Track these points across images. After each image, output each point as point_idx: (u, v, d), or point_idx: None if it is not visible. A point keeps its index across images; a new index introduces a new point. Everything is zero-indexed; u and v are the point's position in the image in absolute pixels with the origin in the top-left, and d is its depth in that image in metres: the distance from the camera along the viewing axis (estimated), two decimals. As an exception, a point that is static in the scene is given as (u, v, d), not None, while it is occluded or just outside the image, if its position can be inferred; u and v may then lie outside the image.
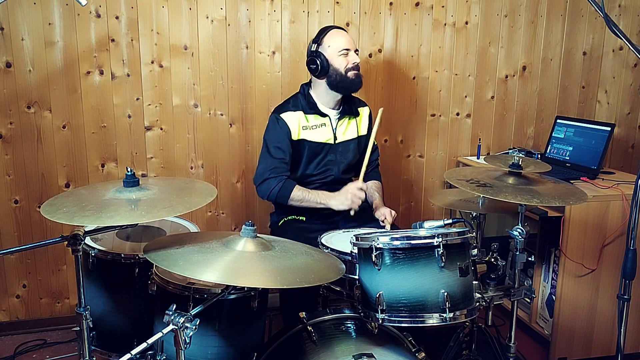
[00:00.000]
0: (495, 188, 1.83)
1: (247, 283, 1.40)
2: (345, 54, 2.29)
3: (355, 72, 2.31)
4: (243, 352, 1.70)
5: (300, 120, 2.32)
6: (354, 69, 2.30)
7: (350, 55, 2.30)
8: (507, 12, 3.03)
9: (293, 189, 2.25)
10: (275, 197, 2.27)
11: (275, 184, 2.25)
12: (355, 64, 2.30)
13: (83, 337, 1.62)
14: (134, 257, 1.93)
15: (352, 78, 2.30)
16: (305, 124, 2.33)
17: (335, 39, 2.30)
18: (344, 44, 2.29)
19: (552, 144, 2.92)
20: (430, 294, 1.53)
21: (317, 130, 2.35)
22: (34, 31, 2.51)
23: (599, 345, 2.49)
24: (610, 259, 2.41)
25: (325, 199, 2.25)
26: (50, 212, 1.47)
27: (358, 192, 2.20)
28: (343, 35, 2.33)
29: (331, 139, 2.37)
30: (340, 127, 2.40)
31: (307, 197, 2.26)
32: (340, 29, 2.35)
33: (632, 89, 3.27)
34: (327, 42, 2.30)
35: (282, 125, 2.30)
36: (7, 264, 2.68)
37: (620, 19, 3.18)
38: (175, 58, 2.68)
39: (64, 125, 2.62)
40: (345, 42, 2.30)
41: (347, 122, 2.42)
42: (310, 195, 2.27)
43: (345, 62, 2.29)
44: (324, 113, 2.36)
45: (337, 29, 2.34)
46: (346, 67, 2.28)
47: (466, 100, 3.08)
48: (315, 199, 2.26)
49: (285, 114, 2.31)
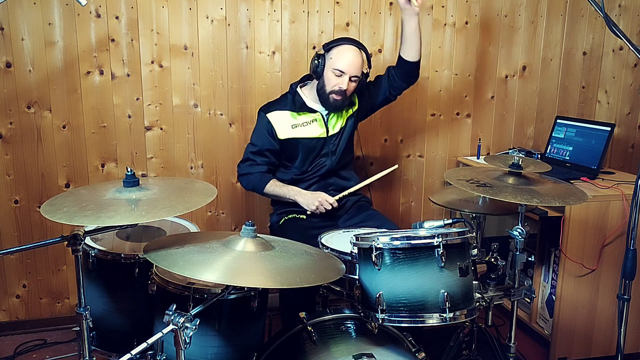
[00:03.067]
0: (495, 188, 1.83)
1: (247, 283, 1.40)
2: (338, 74, 2.27)
3: (336, 98, 2.29)
4: (243, 352, 1.70)
5: (288, 119, 2.36)
6: (337, 93, 2.28)
7: (342, 78, 2.26)
8: (507, 12, 3.03)
9: (266, 185, 2.34)
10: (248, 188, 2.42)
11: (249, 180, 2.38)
12: (340, 90, 2.27)
13: (83, 337, 1.62)
14: (134, 257, 1.93)
15: (331, 100, 2.31)
16: (295, 123, 2.36)
17: (339, 56, 2.27)
18: (342, 66, 2.25)
19: (552, 144, 2.92)
20: (430, 294, 1.53)
21: (308, 127, 2.37)
22: (34, 31, 2.51)
23: (599, 345, 2.49)
24: (610, 259, 2.41)
25: (294, 194, 2.32)
26: (50, 212, 1.47)
27: (325, 202, 2.26)
28: (349, 55, 2.26)
29: (324, 133, 2.39)
30: (333, 119, 2.41)
31: (279, 191, 2.35)
32: (354, 47, 2.28)
33: (632, 89, 3.27)
34: (332, 54, 2.28)
35: (266, 123, 2.36)
36: (7, 264, 2.68)
37: (620, 19, 3.18)
38: (175, 58, 2.68)
39: (64, 125, 2.62)
40: (345, 64, 2.25)
41: (340, 114, 2.43)
42: (282, 190, 2.35)
43: (334, 82, 2.27)
44: (313, 109, 2.38)
45: (350, 46, 2.28)
46: (332, 88, 2.28)
47: (466, 100, 3.08)
48: (285, 194, 2.34)
49: (272, 114, 2.37)
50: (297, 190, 2.34)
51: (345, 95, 2.30)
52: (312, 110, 2.38)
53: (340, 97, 2.29)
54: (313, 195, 2.31)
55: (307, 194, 2.32)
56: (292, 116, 2.37)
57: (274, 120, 2.36)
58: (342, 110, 2.39)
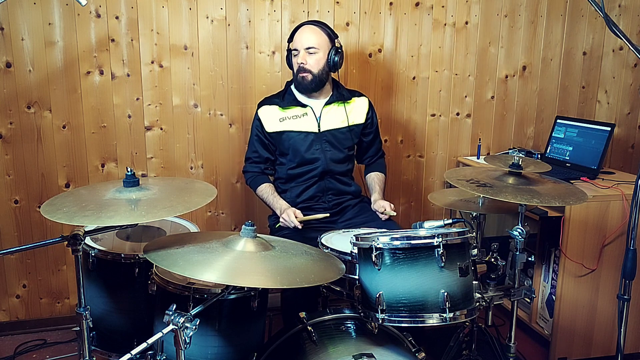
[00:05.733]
0: (495, 188, 1.83)
1: (247, 283, 1.40)
2: (295, 54, 2.32)
3: (302, 76, 2.31)
4: (243, 352, 1.70)
5: (276, 113, 2.37)
6: (300, 70, 2.31)
7: (298, 55, 2.30)
8: (507, 12, 3.03)
9: (257, 188, 2.40)
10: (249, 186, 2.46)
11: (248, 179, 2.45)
12: (300, 66, 2.30)
13: (83, 337, 1.62)
14: (134, 257, 1.93)
15: (300, 80, 2.33)
16: (283, 116, 2.37)
17: (294, 40, 2.33)
18: (295, 45, 2.31)
19: (552, 144, 2.92)
20: (430, 294, 1.53)
21: (298, 120, 2.37)
22: (34, 31, 2.51)
23: (599, 345, 2.49)
24: (610, 259, 2.41)
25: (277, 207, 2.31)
26: (50, 212, 1.47)
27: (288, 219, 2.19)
28: (299, 34, 2.32)
29: (315, 128, 2.37)
30: (326, 116, 2.39)
31: (267, 199, 2.38)
32: (306, 25, 2.33)
33: (632, 89, 3.27)
34: (294, 38, 2.34)
35: (256, 120, 2.41)
36: (7, 264, 2.68)
37: (620, 19, 3.18)
38: (175, 58, 2.68)
39: (64, 125, 2.62)
40: (297, 42, 2.31)
41: (335, 111, 2.40)
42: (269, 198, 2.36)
43: (296, 63, 2.32)
44: (303, 104, 2.38)
45: (303, 27, 2.33)
46: (296, 69, 2.32)
47: (466, 100, 3.08)
48: (271, 204, 2.36)
49: (261, 109, 2.41)
50: (276, 201, 2.33)
51: (309, 72, 2.30)
52: (302, 104, 2.38)
53: (305, 74, 2.30)
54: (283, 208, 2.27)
55: (281, 206, 2.29)
56: (280, 109, 2.37)
57: (262, 114, 2.39)
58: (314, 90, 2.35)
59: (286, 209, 2.25)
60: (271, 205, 2.36)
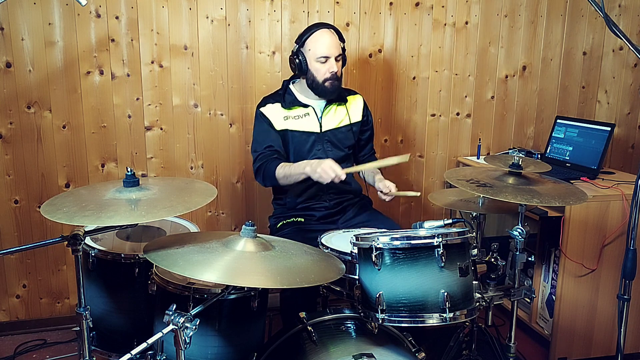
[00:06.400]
0: (495, 188, 1.83)
1: (247, 283, 1.40)
2: (323, 61, 2.24)
3: (332, 82, 2.27)
4: (243, 352, 1.70)
5: (280, 111, 2.34)
6: (330, 78, 2.26)
7: (328, 63, 2.23)
8: (507, 12, 3.03)
9: (275, 168, 2.22)
10: (266, 182, 2.29)
11: (261, 171, 2.28)
12: (333, 74, 2.25)
13: (83, 337, 1.62)
14: (134, 257, 1.93)
15: (328, 87, 2.28)
16: (287, 115, 2.34)
17: (316, 44, 2.23)
18: (324, 51, 2.22)
19: (552, 144, 2.92)
20: (430, 294, 1.53)
21: (300, 120, 2.34)
22: (34, 31, 2.51)
23: (599, 345, 2.49)
24: (610, 259, 2.41)
25: (303, 167, 2.15)
26: (50, 212, 1.47)
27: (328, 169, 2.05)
28: (325, 39, 2.23)
29: (317, 128, 2.36)
30: (327, 116, 2.38)
31: (289, 170, 2.20)
32: (325, 30, 2.25)
33: (632, 89, 3.27)
34: (309, 46, 2.24)
35: (263, 118, 2.34)
36: (7, 264, 2.68)
37: (620, 19, 3.18)
38: (175, 58, 2.68)
39: (64, 125, 2.62)
40: (325, 48, 2.22)
41: (335, 110, 2.40)
42: (292, 168, 2.20)
43: (324, 71, 2.24)
44: (305, 104, 2.36)
45: (321, 31, 2.25)
46: (324, 76, 2.25)
47: (466, 100, 3.08)
48: (296, 170, 2.18)
49: (265, 108, 2.35)
50: (306, 162, 2.17)
51: (338, 78, 2.29)
52: (304, 104, 2.36)
53: (335, 81, 2.27)
54: (319, 162, 2.11)
55: (314, 162, 2.13)
56: (283, 108, 2.34)
57: (268, 112, 2.34)
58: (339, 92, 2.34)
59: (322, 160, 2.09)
60: (297, 172, 2.17)
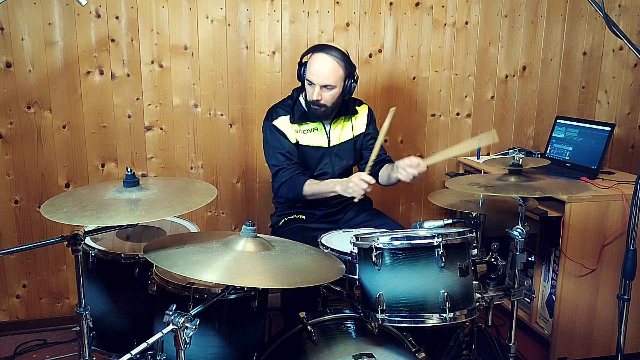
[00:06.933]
0: (497, 187, 1.84)
1: (247, 283, 1.40)
2: (309, 84, 2.21)
3: (315, 108, 2.23)
4: (243, 352, 1.70)
5: (290, 124, 2.30)
6: (313, 103, 2.22)
7: (313, 88, 2.19)
8: (507, 12, 3.03)
9: (303, 186, 2.22)
10: (288, 195, 2.29)
11: (286, 187, 2.26)
12: (313, 101, 2.21)
13: (83, 337, 1.62)
14: (134, 257, 1.93)
15: (312, 109, 2.25)
16: (297, 128, 2.31)
17: (310, 65, 2.19)
18: (310, 76, 2.19)
19: (552, 144, 2.92)
20: (430, 294, 1.53)
21: (309, 135, 2.33)
22: (34, 31, 2.51)
23: (599, 345, 2.49)
24: (610, 259, 2.41)
25: (333, 186, 2.18)
26: (50, 212, 1.47)
27: (359, 182, 2.06)
28: (318, 65, 2.17)
29: (325, 143, 2.35)
30: (335, 130, 2.37)
31: (317, 189, 2.22)
32: (323, 55, 2.17)
33: (632, 89, 3.27)
34: (308, 63, 2.22)
35: (278, 131, 2.29)
36: (7, 264, 2.68)
37: (620, 19, 3.18)
38: (175, 58, 2.68)
39: (64, 125, 2.62)
40: (313, 74, 2.18)
41: (342, 125, 2.38)
42: (320, 186, 2.22)
43: (310, 93, 2.22)
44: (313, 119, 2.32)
45: (320, 54, 2.18)
46: (309, 98, 2.23)
47: (466, 100, 3.08)
48: (325, 189, 2.20)
49: (277, 121, 2.30)
50: (335, 181, 2.20)
51: (323, 106, 2.22)
52: (313, 120, 2.33)
53: (317, 107, 2.23)
54: (346, 180, 2.13)
55: (343, 181, 2.15)
56: (292, 123, 2.31)
57: (280, 125, 2.30)
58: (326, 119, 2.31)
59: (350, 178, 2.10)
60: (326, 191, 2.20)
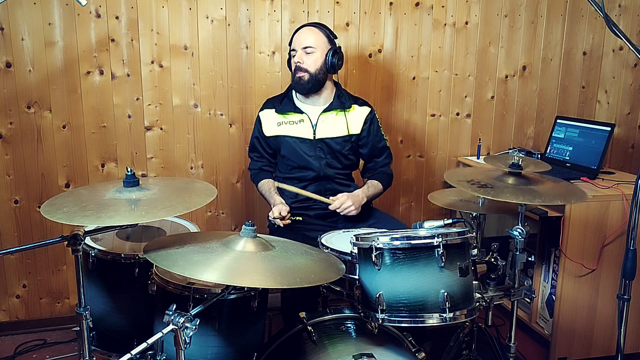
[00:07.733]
0: (496, 189, 1.83)
1: (247, 283, 1.40)
2: (294, 55, 2.32)
3: (299, 75, 2.30)
4: (243, 352, 1.70)
5: (274, 117, 2.40)
6: (297, 70, 2.30)
7: (296, 55, 2.30)
8: (507, 12, 3.03)
9: (258, 183, 2.46)
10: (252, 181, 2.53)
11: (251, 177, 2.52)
12: (296, 65, 2.30)
13: (83, 337, 1.62)
14: (134, 257, 1.93)
15: (296, 79, 2.32)
16: (281, 120, 2.39)
17: (292, 41, 2.34)
18: (293, 45, 2.32)
19: (552, 144, 2.92)
20: (430, 294, 1.53)
21: (294, 126, 2.37)
22: (34, 31, 2.51)
23: (599, 345, 2.49)
24: (610, 259, 2.41)
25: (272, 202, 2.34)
26: (50, 212, 1.47)
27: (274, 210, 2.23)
28: (298, 34, 2.32)
29: (310, 135, 2.36)
30: (323, 124, 2.37)
31: (264, 194, 2.42)
32: (304, 27, 2.33)
33: (632, 89, 3.27)
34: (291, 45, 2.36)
35: (257, 121, 2.45)
36: (7, 264, 2.68)
37: (620, 19, 3.18)
38: (175, 58, 2.68)
39: (64, 125, 2.62)
40: (295, 42, 2.32)
41: (333, 119, 2.37)
42: (265, 194, 2.41)
43: (293, 63, 2.33)
44: (300, 110, 2.37)
45: (300, 29, 2.33)
46: (294, 69, 2.33)
47: (466, 100, 3.08)
48: (267, 199, 2.40)
49: (263, 112, 2.45)
50: (271, 197, 2.36)
51: (305, 71, 2.29)
52: (300, 111, 2.37)
53: (302, 73, 2.29)
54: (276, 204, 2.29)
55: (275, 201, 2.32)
56: (277, 114, 2.39)
57: (263, 117, 2.43)
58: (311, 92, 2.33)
59: (277, 204, 2.28)
60: (267, 201, 2.41)
